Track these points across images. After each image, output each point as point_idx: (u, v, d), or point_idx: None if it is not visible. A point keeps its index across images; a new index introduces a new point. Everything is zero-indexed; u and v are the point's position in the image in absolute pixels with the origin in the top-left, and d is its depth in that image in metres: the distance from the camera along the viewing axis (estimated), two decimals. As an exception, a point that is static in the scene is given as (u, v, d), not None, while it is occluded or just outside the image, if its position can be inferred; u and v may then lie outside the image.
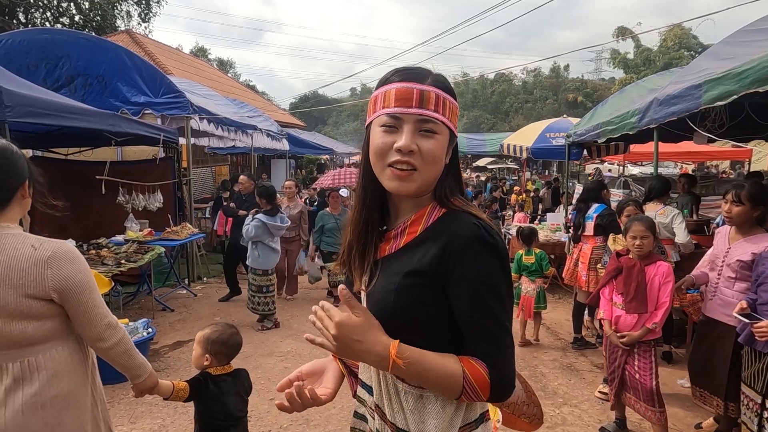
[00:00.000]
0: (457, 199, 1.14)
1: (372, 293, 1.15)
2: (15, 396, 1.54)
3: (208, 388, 2.22)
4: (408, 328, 1.07)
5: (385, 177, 1.09)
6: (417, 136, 1.06)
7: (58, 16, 19.58)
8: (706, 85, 3.40)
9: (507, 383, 1.06)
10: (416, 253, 1.10)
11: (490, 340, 1.05)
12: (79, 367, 1.70)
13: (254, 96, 21.63)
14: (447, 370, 1.03)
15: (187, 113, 6.45)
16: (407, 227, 1.14)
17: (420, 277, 1.07)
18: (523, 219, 9.88)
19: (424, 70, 1.11)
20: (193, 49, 44.27)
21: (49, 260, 1.58)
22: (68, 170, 6.36)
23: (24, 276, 1.54)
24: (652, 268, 3.11)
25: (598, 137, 5.87)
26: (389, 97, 1.07)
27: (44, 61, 6.31)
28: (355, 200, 1.20)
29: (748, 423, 2.86)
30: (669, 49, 37.83)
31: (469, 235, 1.06)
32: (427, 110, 1.06)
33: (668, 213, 4.42)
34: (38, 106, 4.12)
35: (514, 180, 19.07)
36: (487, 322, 1.05)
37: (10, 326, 1.53)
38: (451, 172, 1.16)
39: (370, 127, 1.13)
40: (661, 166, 14.54)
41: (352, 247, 1.19)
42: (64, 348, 1.65)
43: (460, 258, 1.05)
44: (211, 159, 13.97)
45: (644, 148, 8.49)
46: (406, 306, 1.07)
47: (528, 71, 52.40)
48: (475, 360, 1.06)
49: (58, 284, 1.58)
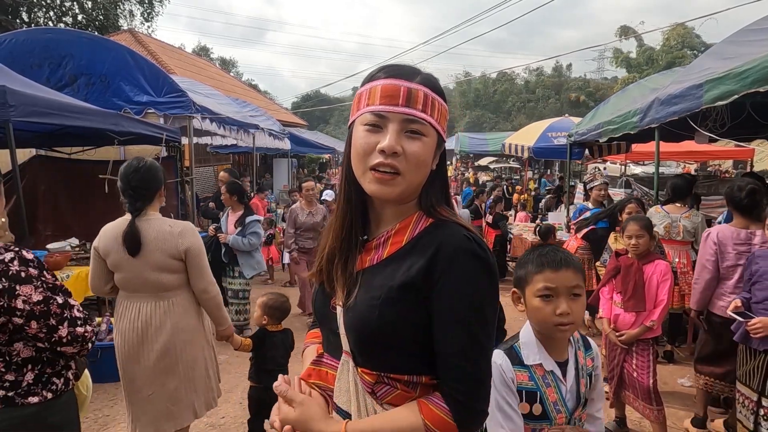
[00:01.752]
0: (445, 209, 1.08)
1: (351, 308, 1.04)
2: (167, 321, 2.48)
3: (265, 341, 3.01)
4: (387, 344, 1.01)
5: (366, 180, 1.01)
6: (402, 137, 0.99)
7: (61, 15, 19.65)
8: (707, 84, 3.40)
9: (474, 415, 0.99)
10: (401, 265, 1.02)
11: (462, 367, 0.98)
12: (197, 311, 2.62)
13: (256, 95, 21.66)
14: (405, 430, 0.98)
15: (189, 112, 6.46)
16: (391, 237, 1.07)
17: (406, 291, 0.99)
18: (525, 218, 9.88)
19: (413, 68, 1.05)
20: (196, 48, 44.35)
21: (180, 233, 2.50)
22: (71, 169, 6.38)
23: (167, 243, 2.46)
24: (650, 266, 3.14)
25: (599, 137, 5.87)
26: (374, 94, 1.01)
27: (47, 61, 6.33)
28: (337, 205, 1.12)
29: (743, 421, 2.87)
30: (672, 49, 37.71)
31: (458, 247, 0.99)
32: (414, 110, 0.99)
33: (693, 217, 4.42)
34: (42, 105, 4.14)
35: (516, 179, 19.04)
36: (465, 344, 0.97)
37: (160, 276, 2.47)
38: (437, 179, 1.09)
39: (353, 126, 1.06)
40: (663, 166, 14.51)
41: (334, 255, 1.10)
42: (187, 296, 2.58)
43: (447, 271, 0.98)
44: (213, 158, 14.01)
45: (646, 148, 8.46)
46: (389, 322, 0.99)
47: (530, 70, 52.34)
48: (434, 402, 0.99)
49: (185, 248, 2.49)
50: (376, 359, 1.03)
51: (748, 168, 11.76)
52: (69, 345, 1.69)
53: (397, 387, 1.04)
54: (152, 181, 2.52)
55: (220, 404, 2.89)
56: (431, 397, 1.01)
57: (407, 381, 1.03)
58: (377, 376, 1.04)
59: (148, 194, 2.51)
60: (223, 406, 3.52)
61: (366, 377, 1.05)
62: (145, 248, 2.44)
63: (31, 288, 1.60)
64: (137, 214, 2.48)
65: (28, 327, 1.59)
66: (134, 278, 2.46)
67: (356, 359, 1.06)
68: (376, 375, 1.04)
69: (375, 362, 1.04)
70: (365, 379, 1.05)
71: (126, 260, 2.44)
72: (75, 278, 3.97)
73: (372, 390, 1.04)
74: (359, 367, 1.05)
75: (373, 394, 1.04)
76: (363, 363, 1.05)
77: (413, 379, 1.03)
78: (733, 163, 18.27)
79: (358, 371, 1.05)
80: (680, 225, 4.39)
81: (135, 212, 2.48)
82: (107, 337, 4.05)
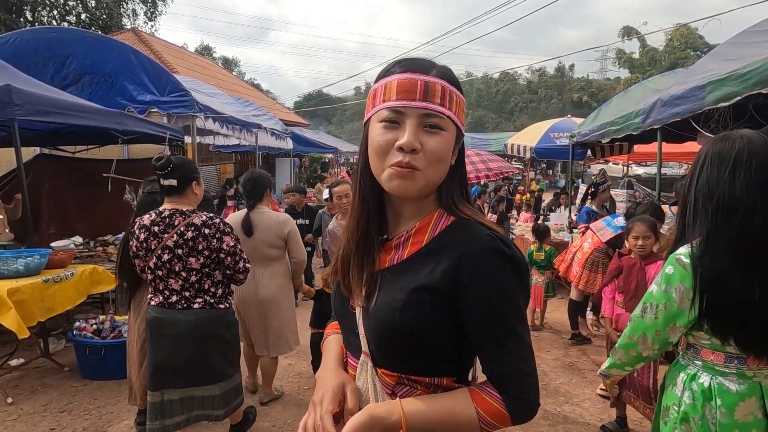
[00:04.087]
0: (467, 207, 1.04)
1: (372, 310, 1.01)
2: (272, 283, 3.52)
3: (322, 297, 3.51)
4: (411, 347, 0.99)
5: (386, 177, 0.98)
6: (421, 132, 0.96)
7: (65, 15, 19.70)
8: (709, 86, 3.41)
9: (527, 407, 0.98)
10: (424, 266, 0.99)
11: (509, 363, 0.97)
12: (288, 275, 3.67)
13: (259, 95, 21.67)
14: (461, 418, 0.95)
15: (192, 112, 6.46)
16: (411, 236, 1.04)
17: (429, 293, 0.96)
18: (529, 219, 9.88)
19: (429, 61, 1.02)
20: (198, 47, 44.40)
21: (284, 222, 3.54)
22: (75, 168, 6.41)
23: (275, 228, 3.49)
24: (653, 267, 3.14)
25: (602, 137, 5.88)
26: (390, 89, 0.97)
27: (51, 60, 6.34)
28: (353, 205, 1.09)
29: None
30: (675, 49, 37.65)
31: (484, 247, 0.96)
32: (432, 104, 0.96)
33: None
34: (46, 104, 4.16)
35: (518, 180, 19.02)
36: (507, 342, 0.96)
37: (270, 251, 3.51)
38: (456, 175, 1.05)
39: (369, 123, 1.02)
40: (665, 167, 14.47)
41: (350, 257, 1.07)
42: (284, 264, 3.65)
43: (477, 273, 0.95)
44: (216, 157, 14.04)
45: (648, 149, 8.43)
46: (412, 325, 0.96)
47: (533, 71, 52.29)
48: (487, 392, 0.97)
49: (288, 231, 3.52)
50: (397, 361, 1.01)
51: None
52: (241, 273, 2.75)
53: (417, 388, 1.02)
54: (260, 186, 3.53)
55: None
56: (483, 386, 1.00)
57: (428, 383, 1.02)
58: (398, 378, 1.02)
59: (257, 195, 3.51)
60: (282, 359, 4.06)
61: (386, 378, 1.03)
62: (257, 231, 3.44)
63: (229, 237, 2.66)
64: (251, 209, 3.49)
65: (225, 260, 2.65)
66: (250, 251, 3.16)
67: (376, 360, 1.03)
68: (397, 377, 1.02)
69: (396, 364, 1.02)
70: (385, 380, 1.03)
71: (244, 239, 3.26)
72: (79, 276, 3.98)
73: (392, 391, 1.02)
74: (379, 367, 1.03)
75: (393, 395, 1.02)
76: (383, 364, 1.02)
77: (434, 381, 1.02)
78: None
79: (377, 372, 1.03)
80: None
81: (250, 207, 3.51)
82: (110, 335, 4.07)
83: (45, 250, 4.00)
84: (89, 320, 4.25)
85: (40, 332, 4.29)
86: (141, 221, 2.63)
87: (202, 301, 2.61)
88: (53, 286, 3.74)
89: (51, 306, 3.72)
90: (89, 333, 4.09)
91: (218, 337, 2.67)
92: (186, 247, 2.55)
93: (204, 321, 2.60)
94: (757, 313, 1.40)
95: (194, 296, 2.61)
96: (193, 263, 2.57)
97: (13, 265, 3.61)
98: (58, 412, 3.53)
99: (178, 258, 2.56)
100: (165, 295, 2.61)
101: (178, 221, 2.57)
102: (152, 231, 2.57)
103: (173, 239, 2.54)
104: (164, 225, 2.57)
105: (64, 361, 4.24)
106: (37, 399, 3.70)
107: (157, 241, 2.56)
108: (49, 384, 3.95)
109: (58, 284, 3.78)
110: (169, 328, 2.59)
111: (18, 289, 3.45)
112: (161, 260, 2.56)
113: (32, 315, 3.53)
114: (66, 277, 3.87)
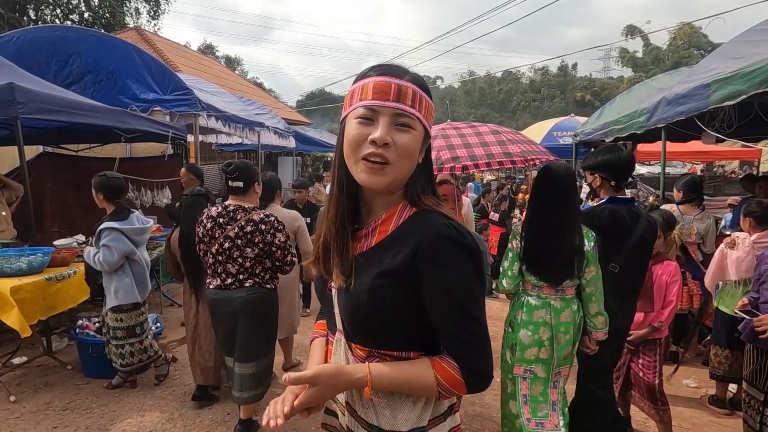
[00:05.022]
0: (428, 198, 1.13)
1: (345, 292, 1.13)
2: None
3: None
4: (378, 326, 1.10)
5: (358, 170, 1.08)
6: (392, 129, 1.05)
7: (68, 13, 19.74)
8: (714, 84, 3.38)
9: (481, 377, 1.08)
10: (387, 253, 1.09)
11: (464, 342, 1.06)
12: (296, 270, 3.73)
13: (261, 93, 21.66)
14: (420, 381, 1.07)
15: (195, 110, 6.47)
16: (378, 226, 1.14)
17: (391, 277, 1.07)
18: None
19: (403, 67, 1.12)
20: (201, 46, 44.39)
21: (294, 218, 3.75)
22: (78, 166, 6.41)
23: (287, 223, 3.37)
24: (659, 267, 3.13)
25: (605, 136, 5.85)
26: (367, 90, 1.07)
27: (55, 58, 6.36)
28: (330, 195, 1.19)
29: (749, 420, 2.87)
30: (678, 48, 37.56)
31: (440, 234, 1.05)
32: (404, 105, 1.06)
33: (705, 219, 4.47)
34: (49, 102, 4.16)
35: (521, 179, 18.99)
36: (462, 321, 1.06)
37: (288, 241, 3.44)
38: (423, 172, 1.15)
39: (346, 120, 1.12)
40: (669, 166, 14.44)
41: (329, 243, 1.17)
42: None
43: (432, 259, 1.05)
44: (218, 156, 14.03)
45: (652, 148, 8.43)
46: (378, 306, 1.08)
47: (535, 69, 52.22)
48: (447, 361, 1.08)
49: (298, 226, 3.76)
50: (367, 338, 1.14)
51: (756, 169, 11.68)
52: (288, 266, 3.15)
53: (387, 361, 1.12)
54: (272, 188, 3.82)
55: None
56: (444, 356, 1.10)
57: (397, 356, 1.12)
58: (369, 351, 1.14)
59: (269, 195, 3.79)
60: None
61: (359, 351, 1.16)
62: None
63: (281, 234, 3.06)
64: (264, 208, 3.54)
65: (276, 253, 3.06)
66: None
67: (349, 336, 1.17)
68: (368, 350, 1.14)
69: (366, 340, 1.14)
70: (358, 354, 1.16)
71: None
72: (81, 274, 3.98)
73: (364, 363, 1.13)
74: (352, 342, 1.17)
75: None
76: (356, 340, 1.16)
77: (403, 355, 1.12)
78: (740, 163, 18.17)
79: (351, 347, 1.17)
80: (693, 227, 4.39)
81: (263, 207, 3.57)
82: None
83: (48, 249, 4.00)
84: (92, 318, 4.25)
85: (42, 330, 4.30)
86: (209, 212, 3.08)
87: (252, 281, 3.04)
88: (56, 285, 3.74)
89: (53, 304, 3.72)
90: (92, 331, 4.09)
91: (263, 315, 3.09)
92: (245, 239, 2.97)
93: (253, 296, 3.03)
94: (546, 258, 2.47)
95: (246, 278, 3.03)
96: (248, 253, 2.99)
97: (16, 264, 3.62)
98: (60, 410, 3.53)
99: (236, 247, 2.98)
100: (222, 278, 3.04)
101: (240, 216, 3.01)
102: (217, 222, 3.01)
103: (234, 231, 2.98)
104: (228, 218, 3.01)
105: (66, 360, 4.25)
106: (39, 397, 3.71)
107: (220, 230, 3.00)
108: (52, 382, 3.95)
109: (60, 282, 3.78)
110: (225, 305, 3.03)
111: (21, 288, 3.46)
112: (222, 247, 2.99)
113: (34, 313, 3.53)
114: (69, 275, 3.87)
